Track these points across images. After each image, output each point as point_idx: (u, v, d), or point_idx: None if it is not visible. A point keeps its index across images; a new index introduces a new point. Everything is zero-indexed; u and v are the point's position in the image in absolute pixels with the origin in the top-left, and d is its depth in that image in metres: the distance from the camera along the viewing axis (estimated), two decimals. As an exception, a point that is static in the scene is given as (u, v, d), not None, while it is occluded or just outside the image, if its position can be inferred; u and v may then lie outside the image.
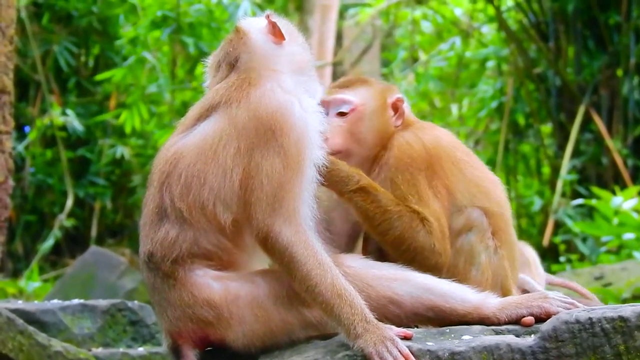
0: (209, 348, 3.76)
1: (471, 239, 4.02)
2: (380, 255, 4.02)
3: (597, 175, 12.26)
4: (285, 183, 3.57)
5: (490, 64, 14.54)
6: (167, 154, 3.78)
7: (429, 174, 4.04)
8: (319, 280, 3.49)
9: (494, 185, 4.23)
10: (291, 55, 3.94)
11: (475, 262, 4.01)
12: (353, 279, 3.63)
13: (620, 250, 9.32)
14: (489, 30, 15.22)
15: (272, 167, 3.58)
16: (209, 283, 3.64)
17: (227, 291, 3.62)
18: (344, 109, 4.17)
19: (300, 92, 3.80)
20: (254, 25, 3.99)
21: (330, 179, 3.92)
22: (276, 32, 3.93)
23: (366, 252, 4.09)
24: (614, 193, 9.77)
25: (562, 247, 11.45)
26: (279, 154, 3.59)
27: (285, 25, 4.00)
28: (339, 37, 17.58)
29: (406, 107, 4.32)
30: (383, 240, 3.98)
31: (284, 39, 3.93)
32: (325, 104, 4.07)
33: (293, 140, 3.61)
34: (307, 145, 3.64)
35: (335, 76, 14.99)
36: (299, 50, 3.99)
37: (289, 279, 3.57)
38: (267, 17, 3.95)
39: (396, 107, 4.25)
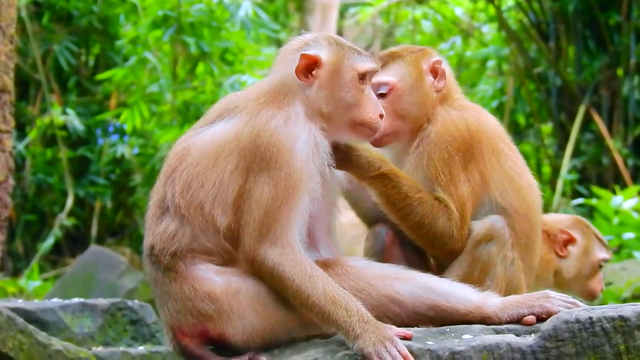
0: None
1: (490, 249, 4.00)
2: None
3: (597, 175, 12.26)
4: (273, 212, 3.57)
5: (491, 63, 14.53)
6: (178, 149, 3.80)
7: (466, 157, 4.01)
8: (311, 292, 3.50)
9: (528, 187, 4.18)
10: (318, 96, 3.78)
11: (490, 273, 3.99)
12: (354, 278, 3.64)
13: (620, 250, 9.30)
14: (489, 30, 15.22)
15: (261, 195, 3.59)
16: (211, 277, 3.64)
17: (228, 285, 3.63)
18: (382, 91, 4.14)
19: (315, 128, 3.73)
20: (294, 52, 3.82)
21: (349, 165, 3.92)
22: (302, 70, 3.77)
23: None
24: (614, 193, 9.78)
25: (562, 247, 11.42)
26: (269, 184, 3.59)
27: (331, 63, 3.78)
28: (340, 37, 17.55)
29: (446, 67, 4.24)
30: (402, 224, 4.00)
31: (308, 80, 3.77)
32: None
33: (285, 174, 3.59)
34: (301, 178, 3.61)
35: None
36: (326, 94, 3.77)
37: (284, 296, 3.58)
38: (302, 55, 3.75)
39: (435, 70, 4.20)
